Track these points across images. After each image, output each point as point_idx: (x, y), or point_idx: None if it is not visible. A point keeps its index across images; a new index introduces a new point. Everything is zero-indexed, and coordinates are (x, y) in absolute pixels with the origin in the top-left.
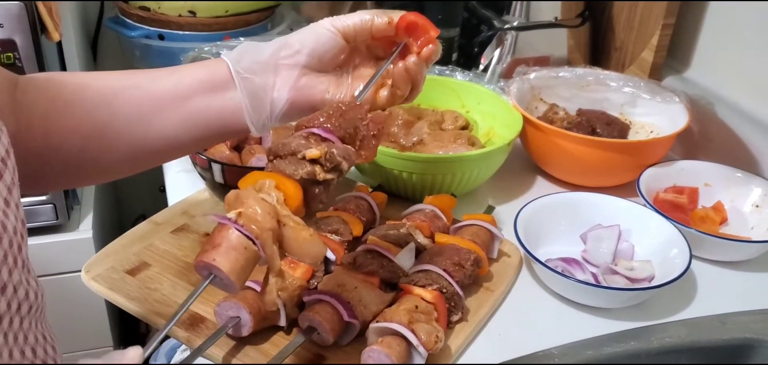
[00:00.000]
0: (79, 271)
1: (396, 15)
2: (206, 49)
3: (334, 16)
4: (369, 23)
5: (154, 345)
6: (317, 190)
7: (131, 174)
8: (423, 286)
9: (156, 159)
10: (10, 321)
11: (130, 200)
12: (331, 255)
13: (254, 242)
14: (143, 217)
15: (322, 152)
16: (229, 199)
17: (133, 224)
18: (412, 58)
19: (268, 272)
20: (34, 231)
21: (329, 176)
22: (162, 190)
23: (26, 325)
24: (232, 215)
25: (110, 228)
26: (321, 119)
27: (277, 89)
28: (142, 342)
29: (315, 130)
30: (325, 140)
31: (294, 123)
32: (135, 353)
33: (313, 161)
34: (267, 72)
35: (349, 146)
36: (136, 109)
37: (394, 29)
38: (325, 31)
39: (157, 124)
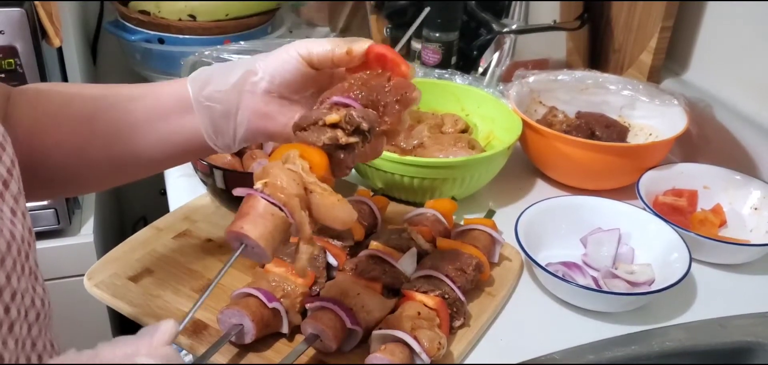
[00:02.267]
0: (81, 276)
1: (357, 45)
2: (207, 53)
3: (303, 41)
4: (330, 53)
5: (187, 319)
6: (342, 155)
7: (113, 186)
8: (425, 292)
9: (134, 175)
10: (19, 328)
11: (131, 203)
12: (333, 261)
13: (281, 209)
14: (144, 220)
15: (340, 115)
16: (256, 174)
17: (134, 228)
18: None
19: (299, 240)
20: (35, 236)
21: (352, 139)
22: (163, 193)
23: (35, 332)
24: (258, 185)
25: (111, 232)
26: (343, 89)
27: (239, 115)
28: None
29: (337, 99)
30: (346, 106)
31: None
32: (167, 326)
33: (334, 126)
34: (229, 99)
35: (369, 109)
36: (115, 128)
37: (356, 60)
38: (290, 56)
39: (133, 143)
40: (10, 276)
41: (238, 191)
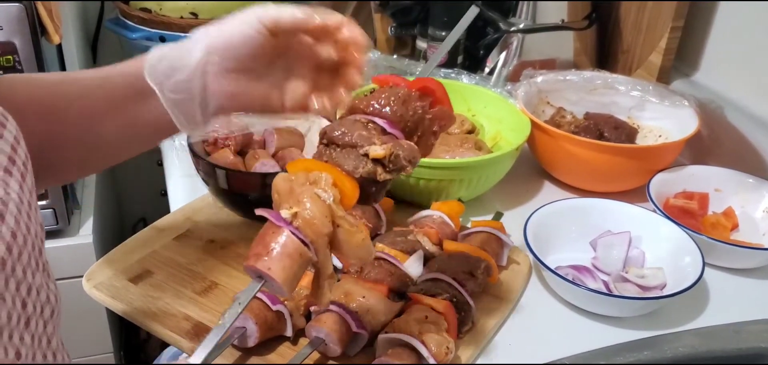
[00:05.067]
0: (80, 276)
1: (331, 17)
2: None
3: (266, 7)
4: (303, 23)
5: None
6: (374, 189)
7: (83, 177)
8: (433, 295)
9: (104, 163)
10: (35, 324)
11: (131, 203)
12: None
13: (309, 247)
14: (144, 221)
15: (387, 152)
16: (279, 187)
17: (134, 229)
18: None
19: (321, 278)
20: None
21: (389, 176)
22: (163, 194)
23: (50, 330)
24: (286, 214)
25: (111, 233)
26: (381, 104)
27: (206, 97)
28: (143, 348)
29: (378, 120)
30: (387, 133)
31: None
32: None
33: (375, 161)
34: (193, 86)
35: (413, 145)
36: (82, 116)
37: (328, 34)
38: (249, 26)
39: (100, 131)
40: (26, 271)
41: (262, 212)
